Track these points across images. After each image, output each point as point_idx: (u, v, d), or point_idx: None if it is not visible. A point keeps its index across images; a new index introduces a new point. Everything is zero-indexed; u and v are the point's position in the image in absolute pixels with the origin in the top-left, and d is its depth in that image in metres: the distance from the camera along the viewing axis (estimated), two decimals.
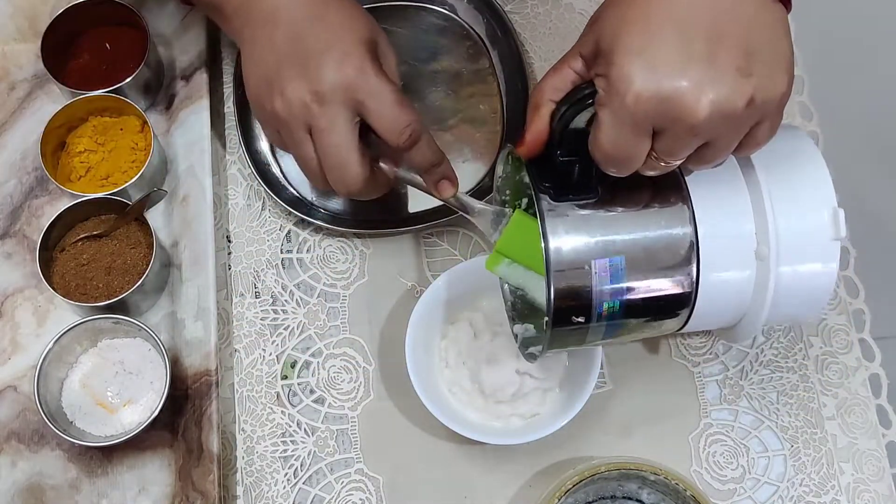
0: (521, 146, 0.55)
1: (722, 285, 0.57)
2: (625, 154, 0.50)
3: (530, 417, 0.69)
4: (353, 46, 0.60)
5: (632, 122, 0.49)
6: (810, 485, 0.70)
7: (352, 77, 0.60)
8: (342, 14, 0.62)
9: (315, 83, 0.60)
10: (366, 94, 0.60)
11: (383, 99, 0.60)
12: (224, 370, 0.72)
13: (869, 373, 0.74)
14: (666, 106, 0.48)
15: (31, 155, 0.76)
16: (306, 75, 0.60)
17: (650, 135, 0.49)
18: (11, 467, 0.68)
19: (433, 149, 0.63)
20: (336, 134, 0.60)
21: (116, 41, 0.78)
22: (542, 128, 0.54)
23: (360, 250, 0.76)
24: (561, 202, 0.55)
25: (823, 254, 0.57)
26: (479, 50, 0.82)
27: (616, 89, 0.48)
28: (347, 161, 0.61)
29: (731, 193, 0.57)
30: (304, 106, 0.60)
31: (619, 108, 0.48)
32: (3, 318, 0.72)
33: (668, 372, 0.73)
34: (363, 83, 0.60)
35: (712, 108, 0.47)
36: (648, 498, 0.67)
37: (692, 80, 0.47)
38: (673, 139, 0.49)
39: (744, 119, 0.49)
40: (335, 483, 0.70)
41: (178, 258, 0.73)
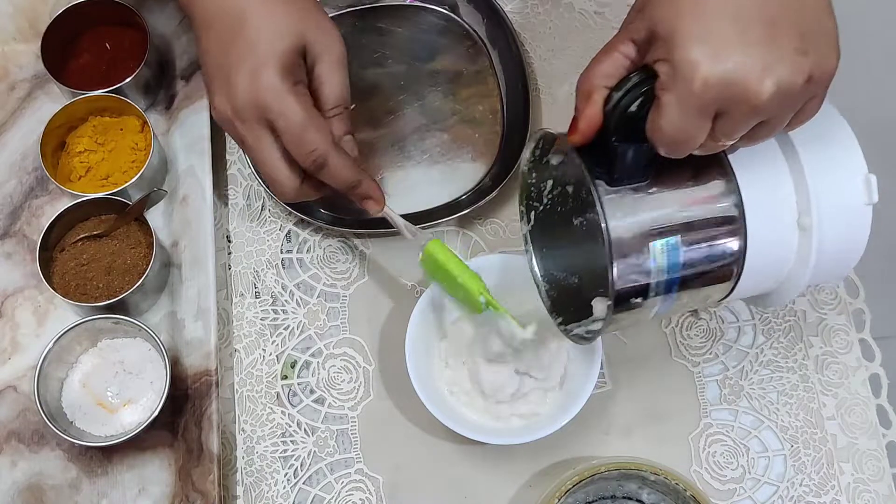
0: (573, 134, 0.55)
1: (766, 254, 0.59)
2: (686, 137, 0.51)
3: (530, 417, 0.69)
4: (266, 61, 0.60)
5: (698, 106, 0.49)
6: (810, 485, 0.70)
7: (260, 96, 0.60)
8: (262, 21, 0.61)
9: (233, 100, 0.61)
10: (273, 114, 0.60)
11: (287, 121, 0.60)
12: (224, 370, 0.72)
13: (869, 373, 0.74)
14: (731, 89, 0.49)
15: (31, 155, 0.76)
16: (227, 91, 0.61)
17: (712, 117, 0.50)
18: (11, 467, 0.68)
19: (345, 171, 0.63)
20: (259, 151, 0.62)
21: (116, 41, 0.78)
22: (595, 114, 0.54)
23: (360, 250, 0.76)
24: (616, 187, 0.55)
25: (858, 220, 0.59)
26: (479, 50, 0.82)
27: (682, 74, 0.49)
28: (275, 175, 0.62)
29: (770, 166, 0.59)
30: (228, 122, 0.62)
31: (686, 92, 0.49)
32: (3, 318, 0.72)
33: (668, 372, 0.73)
34: (270, 103, 0.60)
35: (775, 87, 0.49)
36: (648, 498, 0.67)
37: (755, 63, 0.48)
38: (734, 120, 0.50)
39: (801, 96, 0.51)
40: (335, 483, 0.70)
41: (178, 258, 0.73)
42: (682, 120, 0.50)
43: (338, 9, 0.83)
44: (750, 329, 0.74)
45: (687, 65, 0.49)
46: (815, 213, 0.58)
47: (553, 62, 0.83)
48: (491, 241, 0.76)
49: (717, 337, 0.74)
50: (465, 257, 0.76)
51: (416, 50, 0.82)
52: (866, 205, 0.59)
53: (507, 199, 0.77)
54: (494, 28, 0.82)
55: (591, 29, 0.84)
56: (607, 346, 0.72)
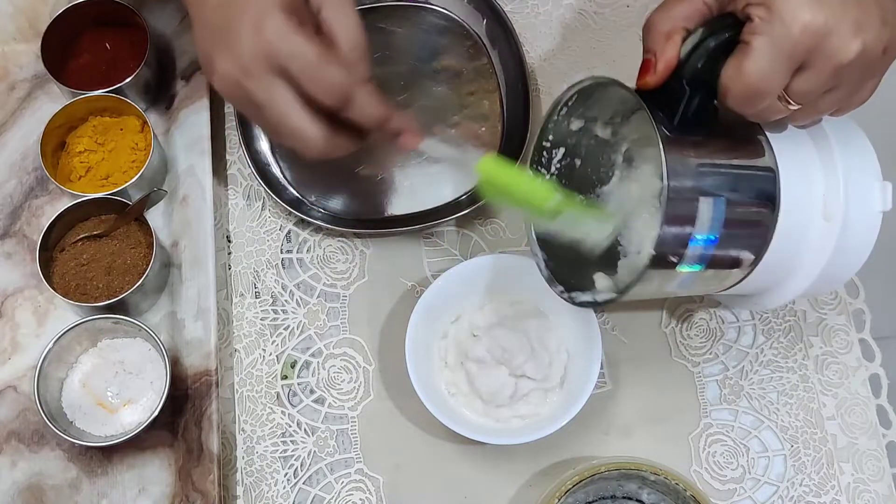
0: (647, 75, 0.54)
1: (790, 239, 0.59)
2: (767, 86, 0.51)
3: (530, 418, 0.68)
4: (268, 7, 0.55)
5: (790, 52, 0.49)
6: (810, 485, 0.70)
7: (267, 42, 0.55)
8: None
9: (238, 57, 0.55)
10: (285, 58, 0.55)
11: (301, 59, 0.55)
12: (224, 370, 0.72)
13: (869, 373, 0.74)
14: (826, 41, 0.49)
15: (32, 155, 0.76)
16: (230, 50, 0.56)
17: (795, 69, 0.50)
18: (11, 467, 0.68)
19: (374, 105, 0.57)
20: (276, 106, 0.56)
21: (116, 41, 0.78)
22: (674, 55, 0.53)
23: (360, 250, 0.76)
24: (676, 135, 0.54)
25: (869, 224, 0.60)
26: (480, 50, 0.82)
27: (781, 18, 0.49)
28: (299, 129, 0.56)
29: (805, 152, 0.59)
30: (236, 84, 0.56)
31: (783, 37, 0.49)
32: (3, 318, 0.72)
33: (668, 372, 0.73)
34: (280, 46, 0.54)
35: (862, 48, 0.49)
36: (648, 498, 0.67)
37: (851, 20, 0.49)
38: (814, 77, 0.50)
39: (875, 67, 0.51)
40: (335, 483, 0.70)
41: (178, 258, 0.73)
42: (770, 65, 0.50)
43: None
44: (750, 329, 0.74)
45: (788, 10, 0.49)
46: (841, 205, 0.58)
47: (553, 62, 0.83)
48: (491, 241, 0.76)
49: (717, 337, 0.74)
50: (466, 257, 0.76)
51: (417, 50, 0.82)
52: (878, 211, 0.59)
53: None
54: (494, 28, 0.82)
55: (591, 29, 0.84)
56: (607, 346, 0.72)
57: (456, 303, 0.71)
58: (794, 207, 0.58)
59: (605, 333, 0.73)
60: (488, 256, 0.72)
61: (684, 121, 0.54)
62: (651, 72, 0.54)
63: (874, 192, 0.59)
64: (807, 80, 0.51)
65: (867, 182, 0.59)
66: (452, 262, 0.72)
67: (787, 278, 0.61)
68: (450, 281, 0.70)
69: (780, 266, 0.60)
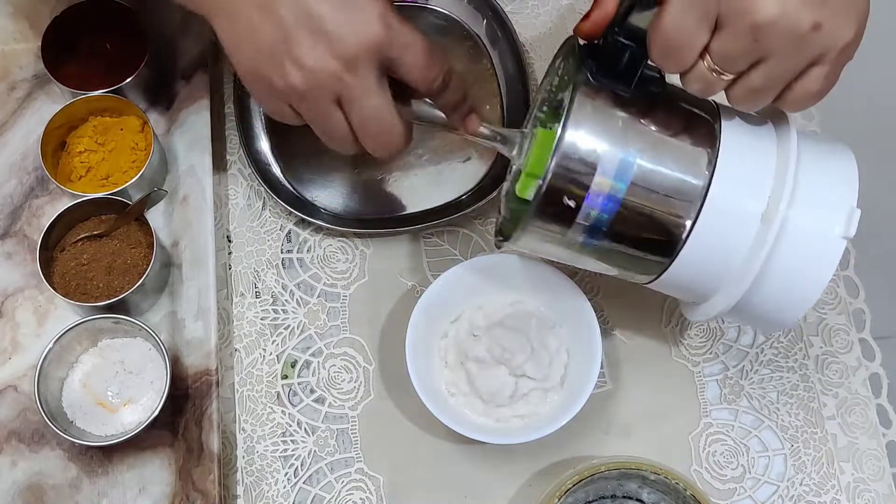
0: (585, 22, 0.55)
1: (718, 233, 0.55)
2: (684, 41, 0.50)
3: (530, 417, 0.69)
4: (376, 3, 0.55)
5: (703, 4, 0.49)
6: (810, 484, 0.70)
7: (381, 34, 0.54)
8: None
9: (341, 48, 0.54)
10: (398, 50, 0.55)
11: (415, 50, 0.56)
12: (224, 370, 0.72)
13: (869, 372, 0.74)
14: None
15: (32, 155, 0.76)
16: (325, 39, 0.54)
17: (712, 27, 0.50)
18: (12, 467, 0.68)
19: (460, 86, 0.60)
20: (374, 98, 0.56)
21: (116, 41, 0.78)
22: (611, 6, 0.54)
23: (360, 250, 0.76)
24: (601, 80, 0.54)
25: (827, 250, 0.54)
26: (480, 50, 0.82)
27: None
28: (391, 124, 0.57)
29: (760, 150, 0.56)
30: (331, 75, 0.55)
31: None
32: (4, 318, 0.72)
33: (668, 372, 0.73)
34: (394, 38, 0.55)
35: (779, 13, 0.48)
36: (648, 497, 0.67)
37: None
38: (732, 38, 0.49)
39: (805, 45, 0.49)
40: (335, 482, 0.70)
41: (178, 258, 0.73)
42: (684, 17, 0.50)
43: None
44: (750, 329, 0.74)
45: None
46: (781, 211, 0.53)
47: None
48: (491, 241, 0.76)
49: (717, 336, 0.74)
50: (466, 257, 0.76)
51: None
52: (841, 237, 0.53)
53: None
54: (494, 28, 0.82)
55: None
56: (607, 345, 0.73)
57: (456, 303, 0.71)
58: (727, 197, 0.54)
59: (605, 333, 0.73)
60: (488, 256, 0.72)
61: (612, 70, 0.54)
62: (589, 18, 0.55)
63: (838, 215, 0.54)
64: (725, 39, 0.50)
65: (832, 202, 0.54)
66: (452, 262, 0.72)
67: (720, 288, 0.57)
68: (450, 281, 0.70)
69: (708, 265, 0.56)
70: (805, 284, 0.55)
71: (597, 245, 0.56)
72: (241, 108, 0.78)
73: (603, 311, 0.74)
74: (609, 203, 0.54)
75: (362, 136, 0.58)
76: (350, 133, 0.58)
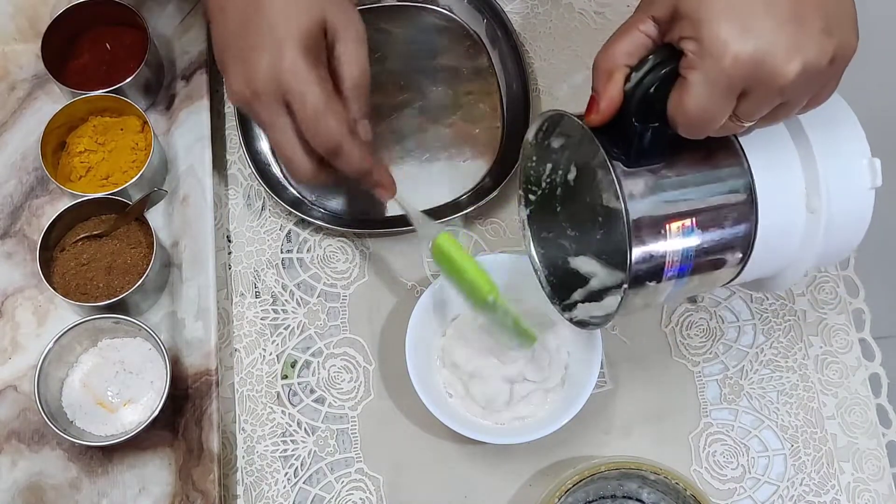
0: (592, 114, 0.54)
1: (775, 237, 0.59)
2: (710, 116, 0.51)
3: (530, 418, 0.68)
4: (287, 41, 0.59)
5: (726, 85, 0.49)
6: (810, 484, 0.70)
7: (281, 76, 0.59)
8: (283, 3, 0.60)
9: (251, 81, 0.60)
10: (292, 96, 0.59)
11: (306, 104, 0.59)
12: (224, 370, 0.72)
13: (869, 372, 0.74)
14: (760, 68, 0.48)
15: (32, 155, 0.76)
16: (244, 72, 0.60)
17: (737, 96, 0.50)
18: (12, 467, 0.68)
19: (358, 158, 0.62)
20: (276, 131, 0.61)
21: (116, 41, 0.78)
22: (617, 94, 0.53)
23: (360, 250, 0.76)
24: (634, 168, 0.54)
25: (862, 203, 0.60)
26: (479, 50, 0.82)
27: (710, 52, 0.48)
28: (292, 157, 0.62)
29: (781, 149, 0.59)
30: (246, 101, 0.61)
31: (715, 70, 0.48)
32: (4, 318, 0.72)
33: (668, 372, 0.73)
34: (291, 84, 0.59)
35: (802, 68, 0.48)
36: (648, 497, 0.67)
37: (784, 42, 0.48)
38: (758, 100, 0.50)
39: (824, 78, 0.51)
40: (335, 482, 0.70)
41: (178, 258, 0.73)
42: (709, 99, 0.50)
43: None
44: (750, 329, 0.74)
45: (717, 42, 0.48)
46: (823, 197, 0.58)
47: (553, 62, 0.83)
48: (491, 240, 0.76)
49: (717, 336, 0.74)
50: None
51: (417, 50, 0.82)
52: (869, 188, 0.59)
53: (508, 198, 0.77)
54: (494, 28, 0.82)
55: (591, 29, 0.84)
56: (607, 345, 0.72)
57: (456, 303, 0.71)
58: (774, 206, 0.57)
59: (606, 333, 0.73)
60: (488, 256, 0.72)
61: (643, 150, 0.54)
62: (595, 110, 0.54)
63: (862, 171, 0.59)
64: (751, 103, 0.50)
65: (853, 163, 0.59)
66: None
67: (786, 268, 0.62)
68: None
69: (773, 260, 0.60)
70: (849, 238, 0.61)
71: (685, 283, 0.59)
72: None
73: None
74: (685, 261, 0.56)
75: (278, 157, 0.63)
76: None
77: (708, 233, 0.56)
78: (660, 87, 0.51)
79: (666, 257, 0.55)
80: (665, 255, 0.55)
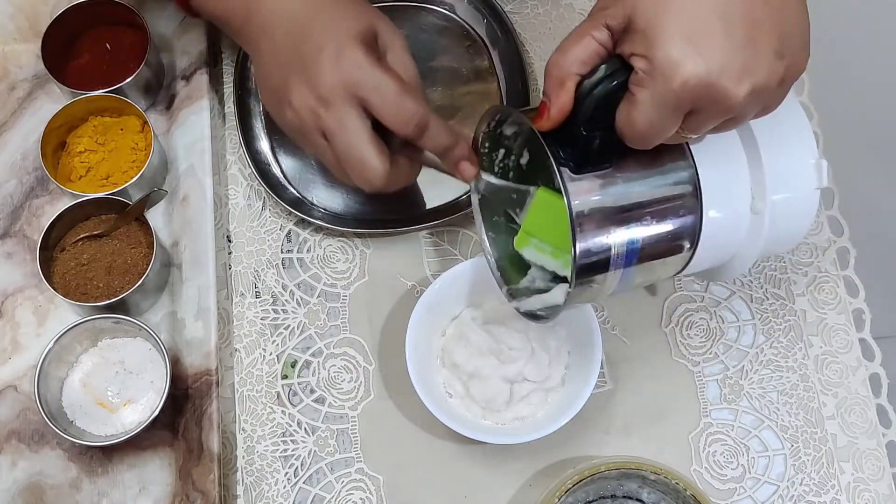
0: (542, 120, 0.54)
1: (719, 237, 0.60)
2: (657, 132, 0.51)
3: (530, 418, 0.69)
4: (347, 42, 0.60)
5: (673, 105, 0.49)
6: (810, 484, 0.70)
7: (348, 74, 0.60)
8: (333, 12, 0.62)
9: (316, 87, 0.60)
10: (366, 90, 0.60)
11: (384, 91, 0.60)
12: (224, 370, 0.72)
13: (869, 372, 0.74)
14: (709, 91, 0.48)
15: (32, 155, 0.76)
16: (307, 81, 0.61)
17: (685, 113, 0.50)
18: (12, 467, 0.68)
19: (444, 133, 0.62)
20: (347, 134, 0.60)
21: (116, 41, 0.78)
22: (568, 102, 0.53)
23: (361, 250, 0.76)
24: (581, 174, 0.55)
25: (807, 203, 0.61)
26: (479, 50, 0.82)
27: (661, 73, 0.48)
28: (365, 159, 0.61)
29: (728, 152, 0.59)
30: (311, 112, 0.61)
31: (664, 91, 0.49)
32: (4, 318, 0.72)
33: (668, 372, 0.73)
34: (361, 78, 0.60)
35: (751, 90, 0.48)
36: (648, 497, 0.67)
37: (737, 66, 0.48)
38: (706, 118, 0.50)
39: (772, 96, 0.51)
40: (335, 482, 0.70)
41: (178, 258, 0.73)
42: (656, 117, 0.50)
43: None
44: (750, 329, 0.74)
45: (668, 64, 0.48)
46: (768, 200, 0.59)
47: None
48: None
49: (717, 337, 0.74)
50: (466, 257, 0.76)
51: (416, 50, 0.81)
52: (816, 189, 0.60)
53: None
54: (494, 28, 0.82)
55: None
56: (607, 345, 0.73)
57: (456, 303, 0.71)
58: (719, 203, 0.58)
59: (605, 333, 0.73)
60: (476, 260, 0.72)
61: (591, 155, 0.55)
62: (546, 116, 0.54)
63: (809, 172, 0.60)
64: (699, 120, 0.51)
65: (801, 163, 0.60)
66: (452, 262, 0.73)
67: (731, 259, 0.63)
68: (450, 281, 0.70)
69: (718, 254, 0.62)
70: (794, 232, 0.63)
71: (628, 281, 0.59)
72: (241, 108, 0.78)
73: (603, 311, 0.74)
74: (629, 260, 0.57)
75: (344, 167, 0.62)
76: (338, 164, 0.63)
77: (653, 233, 0.57)
78: (609, 98, 0.52)
79: (611, 257, 0.56)
80: (609, 254, 0.56)
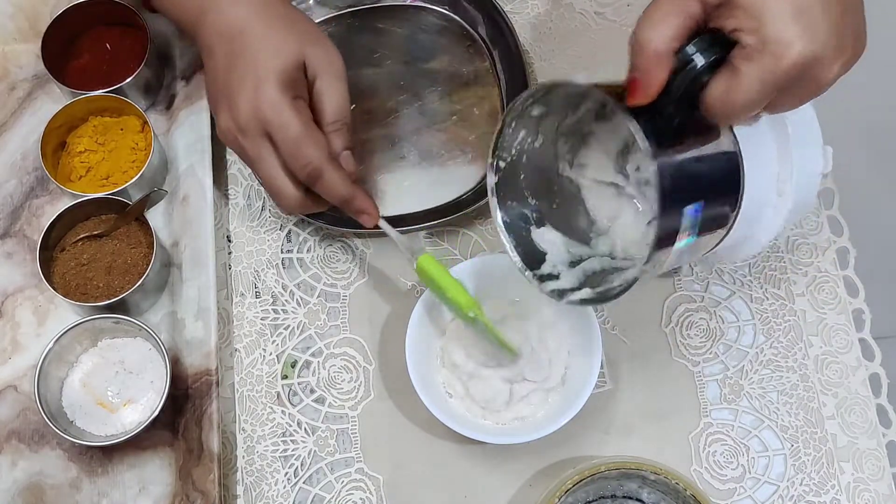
0: (637, 95, 0.52)
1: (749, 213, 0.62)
2: (751, 108, 0.51)
3: (530, 418, 0.69)
4: (266, 77, 0.63)
5: (777, 84, 0.49)
6: (810, 484, 0.70)
7: (261, 110, 0.63)
8: (262, 42, 0.65)
9: (237, 117, 0.64)
10: (272, 127, 0.63)
11: (285, 134, 0.63)
12: (224, 370, 0.72)
13: (869, 372, 0.74)
14: (811, 72, 0.49)
15: (32, 155, 0.76)
16: (230, 108, 0.64)
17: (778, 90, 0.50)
18: (12, 467, 0.68)
19: (340, 185, 0.65)
20: (263, 163, 0.65)
21: (116, 41, 0.78)
22: (664, 79, 0.51)
23: (360, 250, 0.76)
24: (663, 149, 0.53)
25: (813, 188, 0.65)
26: (479, 50, 0.82)
27: (771, 50, 0.48)
28: (279, 188, 0.65)
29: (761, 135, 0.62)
30: (234, 138, 0.65)
31: (773, 68, 0.49)
32: (4, 318, 0.72)
33: (668, 372, 0.73)
34: (270, 116, 0.63)
35: (839, 72, 0.49)
36: (648, 497, 0.67)
37: (833, 46, 0.49)
38: (796, 97, 0.51)
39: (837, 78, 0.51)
40: (335, 482, 0.70)
41: (178, 258, 0.73)
42: (757, 94, 0.50)
43: (337, 9, 0.83)
44: (750, 329, 0.74)
45: (779, 42, 0.48)
46: (794, 181, 0.62)
47: (553, 62, 0.83)
48: (491, 240, 0.76)
49: (717, 337, 0.74)
50: (466, 257, 0.76)
51: (416, 50, 0.82)
52: (821, 173, 0.64)
53: None
54: (494, 28, 0.82)
55: (591, 29, 0.84)
56: (607, 345, 0.72)
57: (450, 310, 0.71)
58: (754, 185, 0.60)
59: (605, 333, 0.73)
60: (488, 256, 0.72)
61: (668, 132, 0.54)
62: (641, 94, 0.52)
63: (817, 159, 0.63)
64: (787, 99, 0.51)
65: (812, 151, 0.63)
66: (452, 262, 0.72)
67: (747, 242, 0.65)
68: None
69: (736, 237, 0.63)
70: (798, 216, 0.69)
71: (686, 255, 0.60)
72: None
73: (603, 311, 0.74)
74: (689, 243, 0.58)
75: (266, 190, 0.67)
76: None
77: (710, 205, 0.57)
78: (703, 73, 0.51)
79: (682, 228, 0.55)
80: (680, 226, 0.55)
